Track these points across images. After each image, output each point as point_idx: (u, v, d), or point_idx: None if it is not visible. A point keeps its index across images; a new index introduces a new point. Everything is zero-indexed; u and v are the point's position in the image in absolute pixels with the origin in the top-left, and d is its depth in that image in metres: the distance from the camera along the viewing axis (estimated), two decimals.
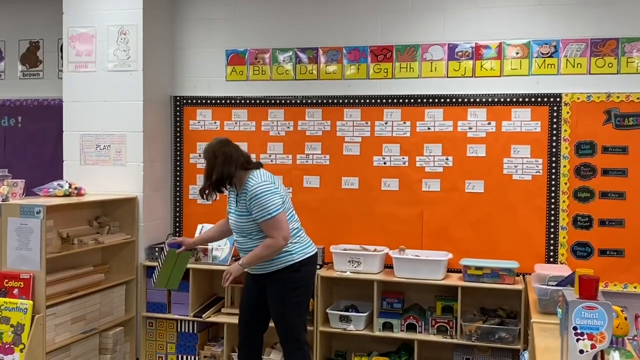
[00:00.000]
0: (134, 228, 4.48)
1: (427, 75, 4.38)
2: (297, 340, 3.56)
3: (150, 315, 4.52)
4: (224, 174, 3.45)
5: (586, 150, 4.11)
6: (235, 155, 3.50)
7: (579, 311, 2.11)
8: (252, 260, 3.44)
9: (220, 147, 3.51)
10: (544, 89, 4.18)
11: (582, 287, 2.17)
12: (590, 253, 4.12)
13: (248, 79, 4.72)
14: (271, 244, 3.38)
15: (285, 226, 3.40)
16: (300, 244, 3.54)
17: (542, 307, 3.19)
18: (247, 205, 3.43)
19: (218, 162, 3.46)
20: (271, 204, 3.37)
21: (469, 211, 4.29)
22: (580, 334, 2.11)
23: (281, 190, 3.51)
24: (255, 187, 3.41)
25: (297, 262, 3.48)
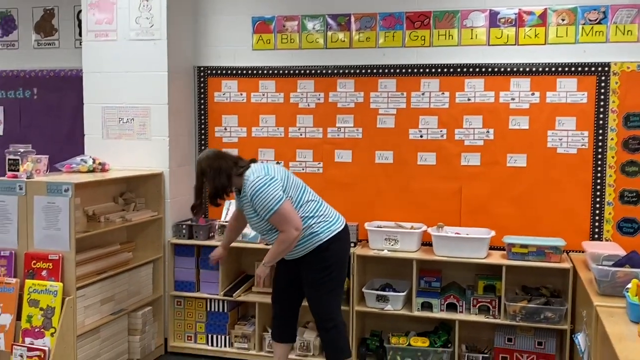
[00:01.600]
0: (160, 205, 4.31)
1: (467, 43, 4.15)
2: (330, 319, 3.49)
3: (178, 294, 4.38)
4: (217, 187, 3.39)
5: (635, 122, 3.92)
6: (224, 166, 3.40)
7: None
8: (273, 257, 3.40)
9: (207, 162, 3.41)
10: (592, 57, 3.96)
11: None
12: (637, 229, 3.96)
13: (275, 47, 4.49)
14: (284, 239, 3.30)
15: (292, 216, 3.29)
16: (325, 222, 3.43)
17: (602, 289, 3.04)
18: (252, 207, 3.35)
19: (208, 177, 3.39)
20: (270, 198, 3.26)
21: (510, 186, 4.11)
22: None
23: (278, 177, 3.36)
24: (251, 186, 3.32)
25: (325, 241, 3.39)
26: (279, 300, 3.67)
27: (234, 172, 3.40)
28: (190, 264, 4.36)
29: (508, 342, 3.94)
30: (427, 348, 3.96)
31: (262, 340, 4.25)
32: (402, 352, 4.00)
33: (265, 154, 4.53)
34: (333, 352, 3.53)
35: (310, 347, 4.14)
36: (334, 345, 3.51)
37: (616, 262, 3.20)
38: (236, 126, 4.59)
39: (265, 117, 4.52)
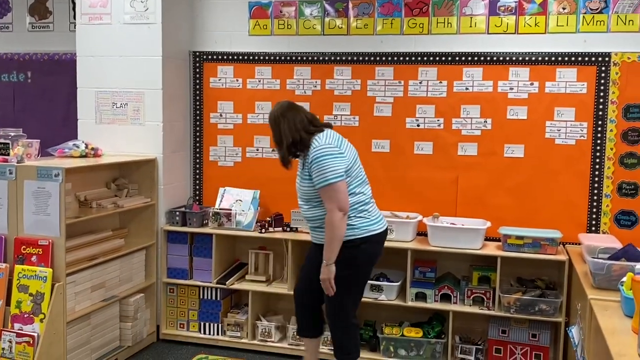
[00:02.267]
0: (153, 191, 4.27)
1: (466, 32, 4.09)
2: (341, 320, 3.35)
3: (171, 282, 4.35)
4: (294, 138, 3.22)
5: (635, 114, 3.86)
6: (299, 118, 3.26)
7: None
8: (330, 249, 3.16)
9: (282, 112, 3.28)
10: (592, 47, 3.90)
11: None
12: (635, 222, 3.91)
13: (272, 33, 4.43)
14: (329, 221, 3.13)
15: (342, 197, 3.11)
16: (366, 219, 3.25)
17: (597, 282, 3.00)
18: (308, 169, 3.21)
19: (283, 128, 3.24)
20: (331, 169, 3.11)
21: (508, 177, 4.07)
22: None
23: (348, 155, 3.23)
24: (317, 149, 3.16)
25: (357, 237, 3.21)
26: (305, 291, 3.49)
27: (305, 128, 3.24)
28: (183, 251, 4.32)
29: (502, 334, 3.92)
30: (420, 339, 3.94)
31: (254, 328, 4.22)
32: (395, 342, 3.97)
33: (260, 141, 4.48)
34: (338, 351, 3.42)
35: None
36: (338, 344, 3.41)
37: (612, 255, 3.17)
38: (232, 112, 4.53)
39: (261, 104, 4.46)
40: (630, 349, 2.18)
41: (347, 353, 3.39)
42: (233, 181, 4.52)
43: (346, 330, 3.36)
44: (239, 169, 4.55)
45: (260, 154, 4.50)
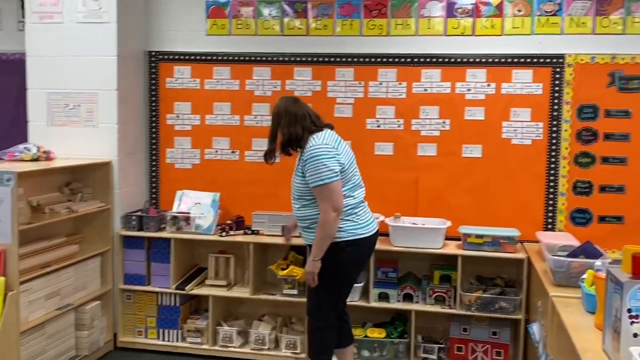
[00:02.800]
0: (108, 195, 4.14)
1: (424, 33, 4.12)
2: (317, 319, 3.32)
3: (128, 288, 4.23)
4: (291, 135, 3.20)
5: (588, 114, 3.97)
6: (301, 114, 3.23)
7: (634, 292, 1.95)
8: (319, 246, 3.15)
9: (286, 107, 3.25)
10: (547, 49, 3.99)
11: (636, 266, 2.01)
12: (590, 220, 4.02)
13: (230, 33, 4.37)
14: (322, 220, 3.10)
15: (336, 197, 3.09)
16: (354, 222, 3.21)
17: (557, 279, 3.05)
18: (302, 167, 3.17)
19: (283, 123, 3.21)
20: (326, 169, 3.08)
21: (466, 177, 4.12)
22: (634, 316, 1.96)
23: (344, 157, 3.20)
24: (313, 148, 3.13)
25: (342, 240, 3.17)
26: None
27: (307, 127, 3.22)
28: (140, 257, 4.21)
29: (463, 332, 3.96)
30: (383, 339, 3.94)
31: (215, 334, 4.15)
32: (358, 343, 3.95)
33: (219, 142, 4.41)
34: (310, 347, 3.41)
35: (265, 340, 4.06)
36: (311, 341, 3.39)
37: (571, 252, 3.23)
38: (189, 113, 4.44)
39: (220, 105, 4.39)
40: (594, 344, 2.22)
41: (318, 352, 3.35)
42: (191, 184, 4.43)
43: (319, 332, 3.32)
44: (198, 172, 4.46)
45: (220, 156, 4.43)
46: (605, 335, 2.15)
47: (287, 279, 4.00)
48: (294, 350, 4.02)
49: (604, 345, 2.16)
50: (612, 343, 2.07)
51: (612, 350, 2.07)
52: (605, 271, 2.18)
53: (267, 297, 4.08)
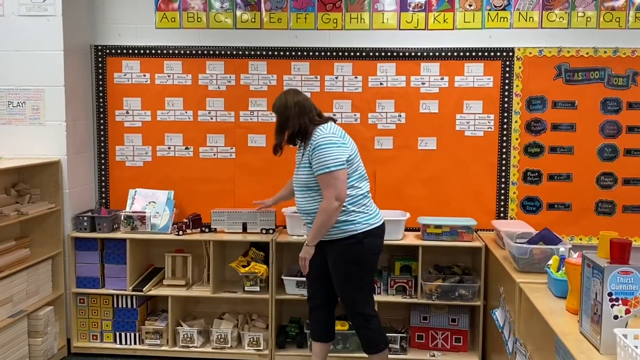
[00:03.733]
0: (57, 196, 3.97)
1: (379, 27, 4.16)
2: (360, 314, 3.33)
3: (81, 292, 4.07)
4: (301, 126, 3.18)
5: (537, 106, 4.12)
6: (307, 106, 3.23)
7: (614, 277, 2.05)
8: (315, 233, 3.16)
9: (292, 97, 3.23)
10: (497, 43, 4.11)
11: (615, 251, 2.11)
12: (539, 207, 4.18)
13: (181, 26, 4.26)
14: (324, 207, 3.10)
15: (341, 185, 3.09)
16: (365, 214, 3.22)
17: (521, 266, 3.16)
18: (309, 157, 3.14)
19: (292, 114, 3.19)
20: (332, 157, 3.08)
21: (422, 169, 4.20)
22: (615, 299, 2.06)
23: (350, 148, 3.20)
24: (320, 137, 3.13)
25: (359, 232, 3.18)
26: (316, 295, 3.45)
27: (312, 119, 3.21)
28: (93, 259, 4.06)
29: (423, 321, 4.05)
30: (346, 331, 3.96)
31: (175, 335, 4.05)
32: None
33: (172, 139, 4.30)
34: (366, 343, 3.39)
35: (227, 339, 4.01)
36: (365, 337, 3.38)
37: (530, 239, 3.35)
38: (139, 109, 4.31)
39: (172, 100, 4.28)
40: (571, 327, 2.32)
41: (376, 345, 3.38)
42: (144, 182, 4.30)
43: (367, 323, 3.33)
44: (150, 169, 4.34)
45: (173, 153, 4.32)
46: (583, 319, 2.24)
47: (249, 275, 3.96)
48: (257, 346, 3.99)
49: (580, 328, 2.26)
50: (590, 326, 2.17)
51: (590, 333, 2.16)
52: (581, 257, 2.27)
53: (229, 295, 4.03)
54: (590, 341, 2.16)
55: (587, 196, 4.14)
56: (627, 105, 4.05)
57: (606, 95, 4.06)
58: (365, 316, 3.34)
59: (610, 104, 4.06)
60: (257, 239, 4.02)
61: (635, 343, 1.91)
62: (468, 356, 3.97)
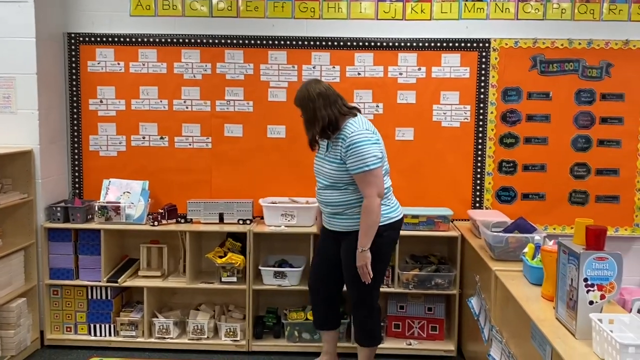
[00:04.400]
0: (30, 186, 3.89)
1: (356, 17, 4.15)
2: (369, 307, 3.34)
3: (54, 283, 4.01)
4: (330, 117, 3.10)
5: (512, 96, 4.16)
6: (332, 95, 3.14)
7: (590, 262, 2.08)
8: (367, 236, 3.10)
9: (314, 88, 3.13)
10: (473, 33, 4.13)
11: (590, 238, 2.14)
12: (514, 197, 4.23)
13: (156, 14, 4.19)
14: (368, 207, 3.06)
15: (380, 182, 3.08)
16: (388, 207, 3.23)
17: (497, 254, 3.20)
18: (341, 154, 3.08)
19: (317, 106, 3.09)
20: (370, 155, 3.04)
21: (399, 159, 4.19)
22: (590, 285, 2.09)
23: (381, 143, 3.17)
24: (356, 134, 3.06)
25: (381, 225, 3.15)
26: (321, 283, 3.45)
27: (339, 108, 3.13)
28: (67, 250, 4.00)
29: (400, 310, 4.07)
30: None
31: (151, 326, 4.02)
32: (299, 326, 3.98)
33: (147, 128, 4.25)
34: (363, 335, 3.42)
35: (204, 329, 3.99)
36: (364, 329, 3.40)
37: (505, 228, 3.38)
38: (113, 98, 4.24)
39: (147, 89, 4.22)
40: (547, 313, 2.35)
41: (374, 337, 3.42)
42: (118, 172, 4.25)
43: (372, 315, 3.36)
44: (124, 159, 4.28)
45: (147, 142, 4.27)
46: (558, 305, 2.28)
47: (226, 266, 3.93)
48: (234, 337, 3.98)
49: (556, 314, 2.29)
50: (566, 311, 2.20)
51: (566, 318, 2.20)
52: (557, 244, 2.30)
53: (205, 286, 4.00)
54: (565, 326, 2.19)
55: (561, 186, 4.19)
56: (601, 96, 4.11)
57: (580, 86, 4.11)
58: (371, 308, 3.36)
59: (584, 95, 4.11)
60: (234, 230, 3.99)
61: (610, 327, 1.94)
62: (444, 344, 4.00)
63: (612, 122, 4.13)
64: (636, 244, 4.23)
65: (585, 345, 2.04)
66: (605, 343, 1.90)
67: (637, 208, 4.17)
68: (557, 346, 2.04)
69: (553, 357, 2.10)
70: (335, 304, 3.50)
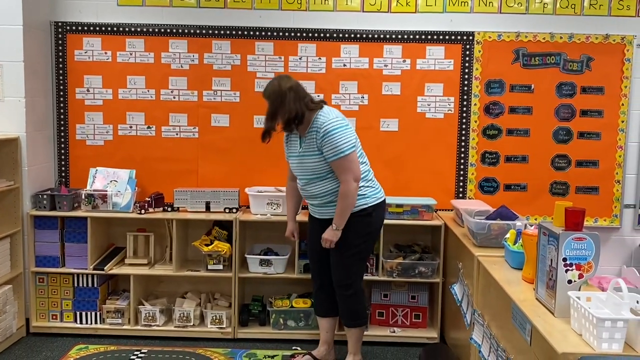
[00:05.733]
0: (16, 173, 3.90)
1: (343, 9, 4.20)
2: (350, 286, 3.43)
3: (40, 271, 4.01)
4: (298, 111, 3.22)
5: (495, 89, 4.23)
6: (301, 91, 3.28)
7: (569, 243, 2.15)
8: (342, 217, 3.24)
9: (286, 83, 3.26)
10: (457, 26, 4.20)
11: (569, 219, 2.21)
12: (497, 188, 4.30)
13: (144, 4, 4.21)
14: (345, 191, 3.20)
15: (355, 166, 3.21)
16: (373, 188, 3.38)
17: (479, 241, 3.26)
18: (317, 144, 3.20)
19: (287, 99, 3.21)
20: (344, 141, 3.17)
21: (384, 150, 4.26)
22: (569, 264, 2.16)
23: (352, 127, 3.30)
24: (327, 123, 3.19)
25: (370, 205, 3.33)
26: (319, 272, 3.54)
27: (306, 104, 3.26)
28: (53, 237, 4.01)
29: (384, 298, 4.14)
30: (309, 309, 4.02)
31: (137, 314, 4.04)
32: (285, 314, 4.03)
33: (134, 117, 4.26)
34: (350, 316, 3.48)
35: (190, 317, 4.02)
36: (350, 310, 3.47)
37: (488, 216, 3.46)
38: (100, 87, 4.25)
39: (134, 78, 4.24)
40: (527, 295, 2.43)
41: (359, 318, 3.49)
42: (105, 161, 4.26)
43: (356, 295, 3.45)
44: (111, 148, 4.29)
45: (134, 132, 4.28)
46: (538, 285, 2.35)
47: (212, 254, 3.96)
48: (220, 325, 4.01)
49: (536, 294, 2.36)
50: (545, 291, 2.27)
51: (545, 298, 2.27)
52: (538, 227, 2.37)
53: (192, 273, 4.03)
54: (545, 306, 2.26)
55: (542, 177, 4.28)
56: (581, 89, 4.20)
57: (561, 79, 4.20)
58: (355, 289, 3.45)
59: (565, 88, 4.20)
60: (220, 218, 4.03)
61: (588, 305, 2.01)
62: (427, 332, 4.07)
63: (592, 115, 4.23)
64: (615, 234, 4.33)
65: (563, 322, 2.11)
66: (582, 319, 1.97)
67: (616, 199, 4.27)
68: (536, 324, 2.11)
69: (533, 334, 2.17)
70: (332, 291, 3.54)
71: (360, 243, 3.35)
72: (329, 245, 3.30)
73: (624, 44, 4.16)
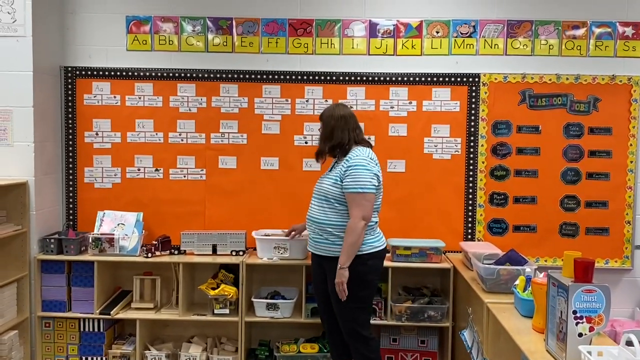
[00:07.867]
0: (24, 218, 3.91)
1: (349, 52, 4.24)
2: (361, 337, 3.37)
3: (46, 315, 4.00)
4: (343, 140, 3.35)
5: (502, 129, 4.23)
6: (352, 122, 3.39)
7: (578, 295, 2.11)
8: (347, 254, 3.23)
9: (340, 110, 3.41)
10: (463, 68, 4.22)
11: (578, 270, 2.17)
12: (506, 229, 4.27)
13: (153, 49, 4.27)
14: (352, 227, 3.21)
15: (368, 207, 3.24)
16: (372, 237, 3.37)
17: (489, 286, 3.22)
18: (341, 173, 3.27)
19: (336, 125, 3.35)
20: (366, 180, 3.23)
21: (391, 191, 4.24)
22: (579, 317, 2.12)
23: (381, 178, 3.38)
24: (359, 158, 3.28)
25: (365, 253, 3.30)
26: (328, 316, 3.51)
27: (356, 137, 3.39)
28: (60, 282, 4.00)
29: (393, 342, 4.07)
30: (316, 354, 3.97)
31: (143, 359, 4.00)
32: (292, 359, 3.97)
33: (142, 160, 4.29)
34: None
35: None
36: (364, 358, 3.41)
37: (497, 260, 3.41)
38: (109, 131, 4.29)
39: (142, 122, 4.27)
40: (537, 346, 2.38)
41: None
42: (112, 204, 4.27)
43: (368, 345, 3.39)
44: (119, 191, 4.31)
45: (142, 174, 4.30)
46: (548, 337, 2.30)
47: (219, 298, 3.93)
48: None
49: (546, 346, 2.32)
50: (556, 343, 2.22)
51: (556, 350, 2.22)
52: (547, 277, 2.34)
53: (198, 318, 3.99)
54: (556, 358, 2.21)
55: (551, 218, 4.24)
56: (589, 130, 4.19)
57: (569, 120, 4.19)
58: (366, 339, 3.39)
59: (573, 128, 4.19)
60: (226, 261, 4.01)
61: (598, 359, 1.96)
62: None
63: (601, 155, 4.21)
64: (626, 275, 4.27)
65: None
66: None
67: (627, 240, 4.22)
68: None
69: None
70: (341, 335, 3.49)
71: (358, 291, 3.28)
72: (341, 288, 3.23)
73: (631, 85, 4.15)
